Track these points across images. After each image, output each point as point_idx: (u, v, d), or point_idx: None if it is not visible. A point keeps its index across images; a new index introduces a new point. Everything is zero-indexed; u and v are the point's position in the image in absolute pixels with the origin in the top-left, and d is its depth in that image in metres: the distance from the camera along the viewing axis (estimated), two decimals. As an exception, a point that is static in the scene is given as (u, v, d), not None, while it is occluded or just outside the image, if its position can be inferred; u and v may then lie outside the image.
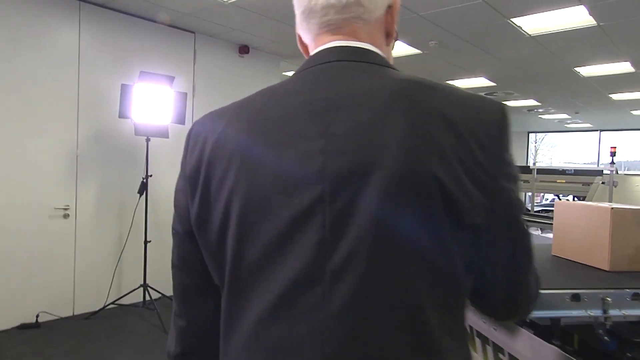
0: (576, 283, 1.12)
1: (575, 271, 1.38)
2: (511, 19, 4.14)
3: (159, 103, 4.13)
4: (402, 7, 4.29)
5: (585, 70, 6.16)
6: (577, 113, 10.18)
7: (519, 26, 4.32)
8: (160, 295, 4.27)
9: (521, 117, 11.23)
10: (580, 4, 3.79)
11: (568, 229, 1.59)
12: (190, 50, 4.94)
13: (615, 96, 8.00)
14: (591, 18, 4.08)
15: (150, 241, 4.22)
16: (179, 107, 4.25)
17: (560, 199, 10.52)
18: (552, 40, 4.75)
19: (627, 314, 0.92)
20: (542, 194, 11.26)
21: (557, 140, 13.98)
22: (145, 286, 4.19)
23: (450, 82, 6.98)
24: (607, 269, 1.38)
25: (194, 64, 4.97)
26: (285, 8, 4.39)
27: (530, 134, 14.22)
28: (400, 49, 5.20)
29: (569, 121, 11.68)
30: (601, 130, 12.95)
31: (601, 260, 1.41)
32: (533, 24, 4.30)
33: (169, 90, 4.18)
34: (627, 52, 5.20)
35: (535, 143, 14.33)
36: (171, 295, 0.76)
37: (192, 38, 4.93)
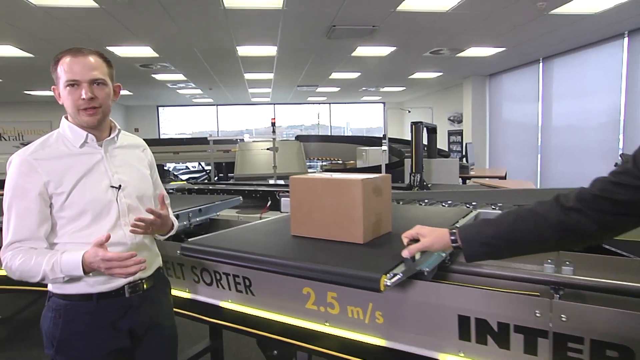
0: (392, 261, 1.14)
1: (354, 250, 1.30)
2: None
3: None
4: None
5: (242, 50, 6.57)
6: (210, 89, 10.84)
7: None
8: None
9: (157, 91, 10.97)
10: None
11: (309, 206, 1.42)
12: None
13: (247, 75, 8.96)
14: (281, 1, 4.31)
15: None
16: None
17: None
18: (246, 18, 4.76)
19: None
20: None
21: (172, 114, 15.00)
22: None
23: (109, 48, 5.95)
24: (361, 242, 1.33)
25: None
26: None
27: (159, 108, 14.19)
28: (70, -2, 3.98)
29: (198, 96, 12.33)
30: (218, 105, 14.44)
31: (356, 234, 1.34)
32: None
33: None
34: (278, 39, 5.82)
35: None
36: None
37: None
